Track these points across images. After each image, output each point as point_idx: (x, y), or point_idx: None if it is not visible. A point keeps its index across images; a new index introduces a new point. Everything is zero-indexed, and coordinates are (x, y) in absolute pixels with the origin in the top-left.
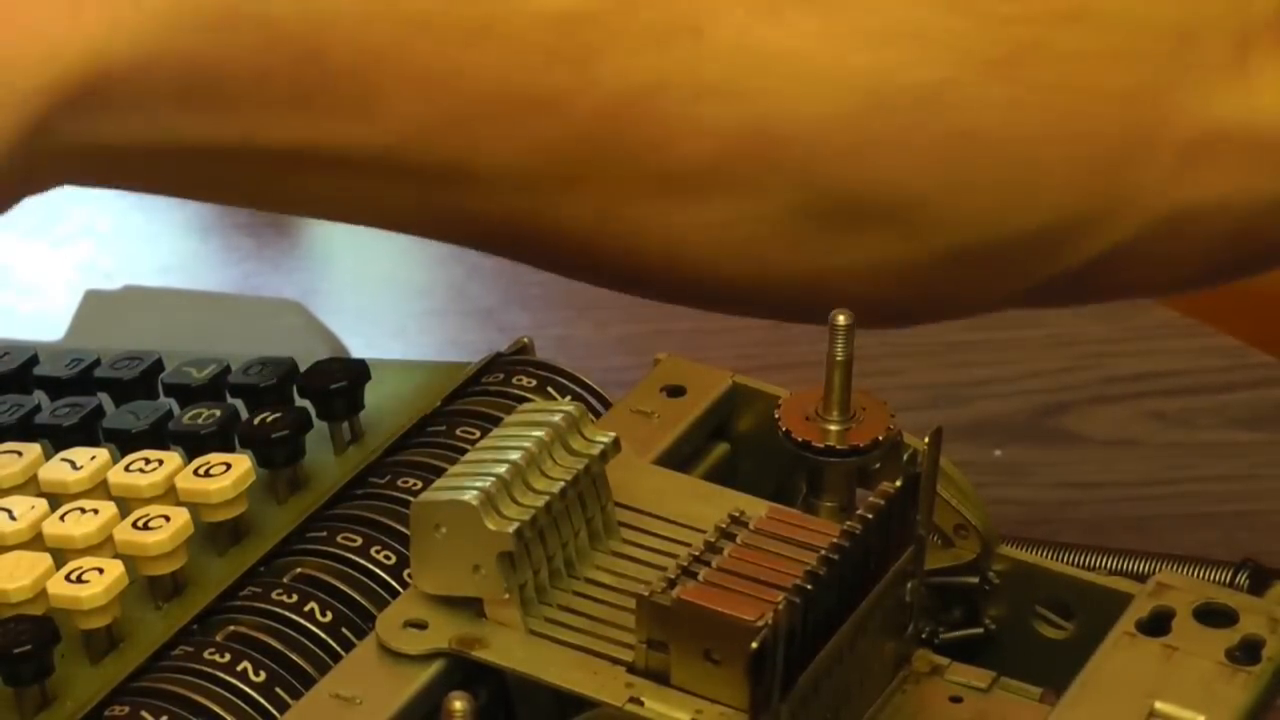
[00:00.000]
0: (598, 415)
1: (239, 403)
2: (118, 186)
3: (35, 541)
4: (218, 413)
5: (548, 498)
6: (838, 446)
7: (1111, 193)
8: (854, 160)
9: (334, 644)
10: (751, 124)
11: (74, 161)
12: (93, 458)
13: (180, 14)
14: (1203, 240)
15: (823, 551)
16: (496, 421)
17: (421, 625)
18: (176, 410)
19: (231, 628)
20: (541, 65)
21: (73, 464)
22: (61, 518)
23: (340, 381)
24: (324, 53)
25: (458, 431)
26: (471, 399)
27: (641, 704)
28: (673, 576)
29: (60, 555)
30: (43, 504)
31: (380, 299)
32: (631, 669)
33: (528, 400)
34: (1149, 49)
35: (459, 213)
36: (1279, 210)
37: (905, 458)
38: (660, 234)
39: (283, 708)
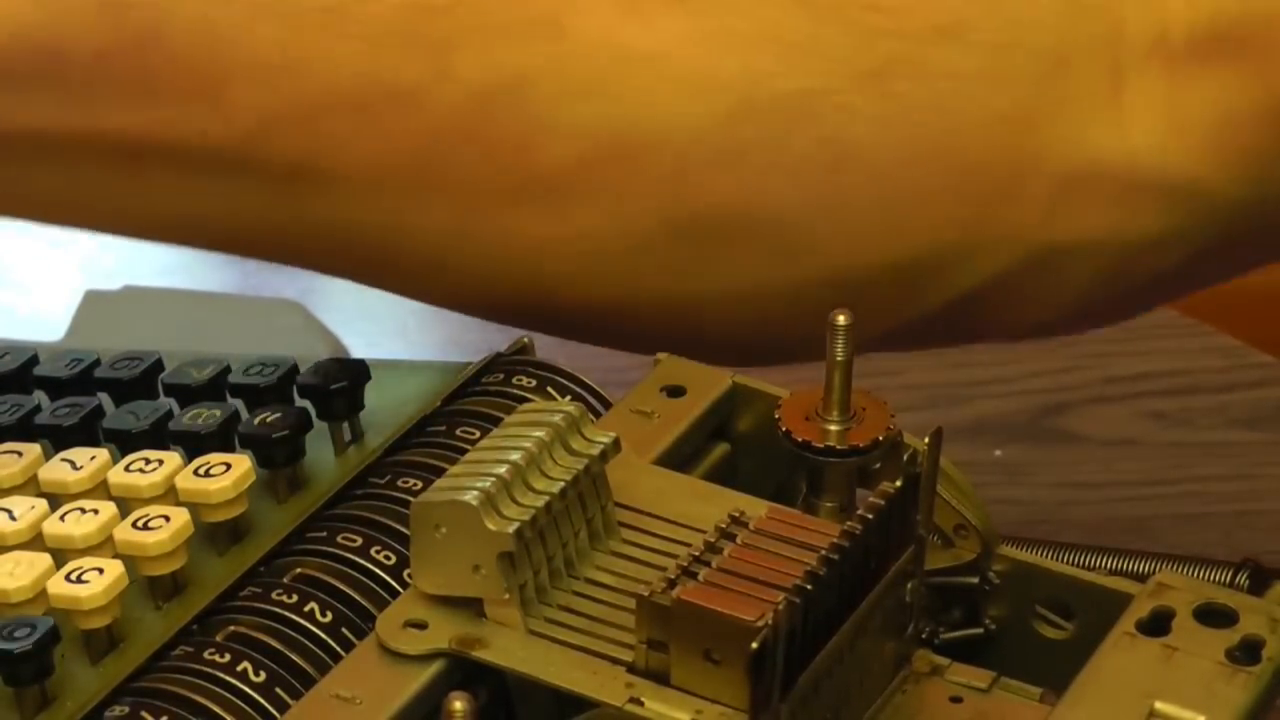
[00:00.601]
0: (598, 415)
1: (239, 403)
2: None
3: (35, 541)
4: (218, 413)
5: (548, 498)
6: (838, 446)
7: (983, 223)
8: (723, 170)
9: (334, 644)
10: (616, 127)
11: None
12: (92, 458)
13: None
14: (1075, 278)
15: (823, 551)
16: (496, 421)
17: (421, 625)
18: (176, 410)
19: (231, 628)
20: (395, 56)
21: (73, 464)
22: (61, 518)
23: (340, 381)
24: (165, 34)
25: (458, 431)
26: (471, 399)
27: (641, 704)
28: (673, 576)
29: (60, 555)
30: (43, 504)
31: (380, 299)
32: (631, 669)
33: (528, 400)
34: (1022, 73)
35: (303, 223)
36: (1151, 250)
37: (905, 458)
38: (519, 248)
39: (283, 708)
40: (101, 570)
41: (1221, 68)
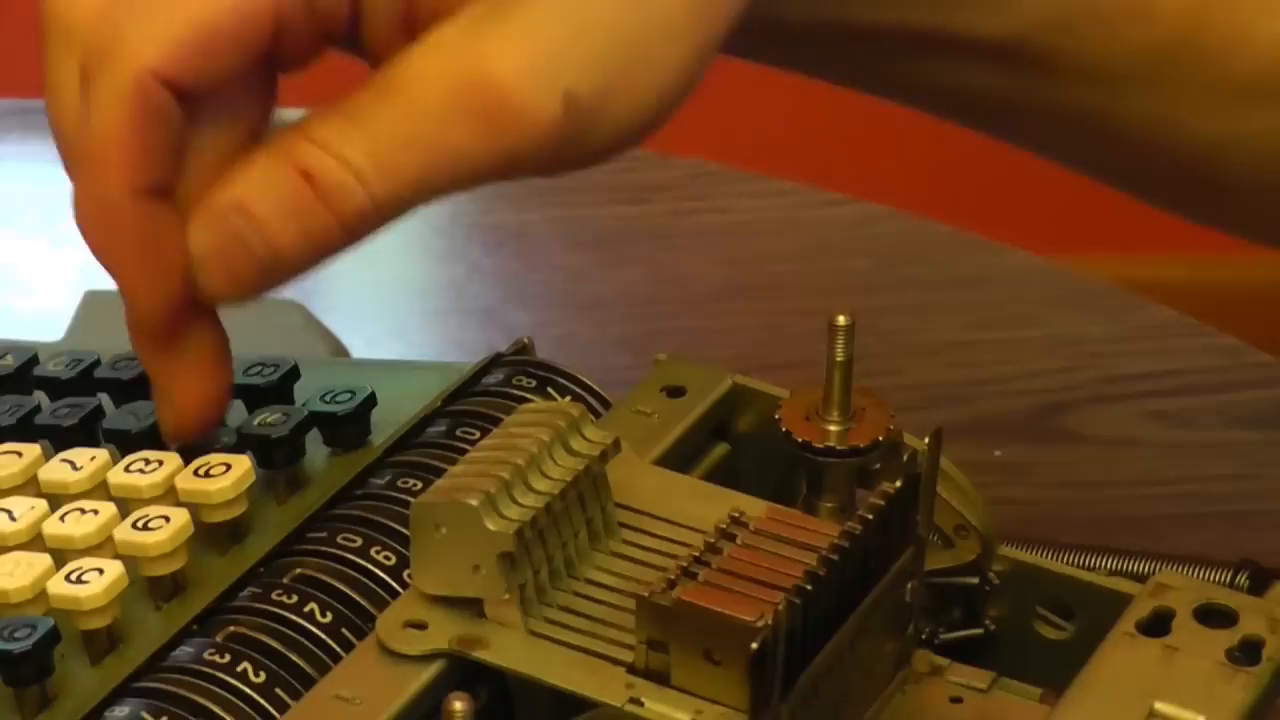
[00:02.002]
0: (598, 415)
1: (239, 403)
2: (772, 63)
3: (35, 542)
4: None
5: (548, 498)
6: (838, 447)
7: None
8: None
9: (334, 644)
10: None
11: (753, 40)
12: (92, 458)
13: None
14: None
15: (823, 551)
16: (496, 421)
17: (421, 625)
18: None
19: (231, 628)
20: None
21: (73, 464)
22: (61, 518)
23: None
24: None
25: (458, 431)
26: (471, 399)
27: (641, 704)
28: (673, 577)
29: (60, 555)
30: (43, 504)
31: (380, 299)
32: (631, 669)
33: (528, 400)
34: None
35: (1039, 103)
36: None
37: (905, 458)
38: (1208, 141)
39: (283, 708)
40: (101, 570)
41: None
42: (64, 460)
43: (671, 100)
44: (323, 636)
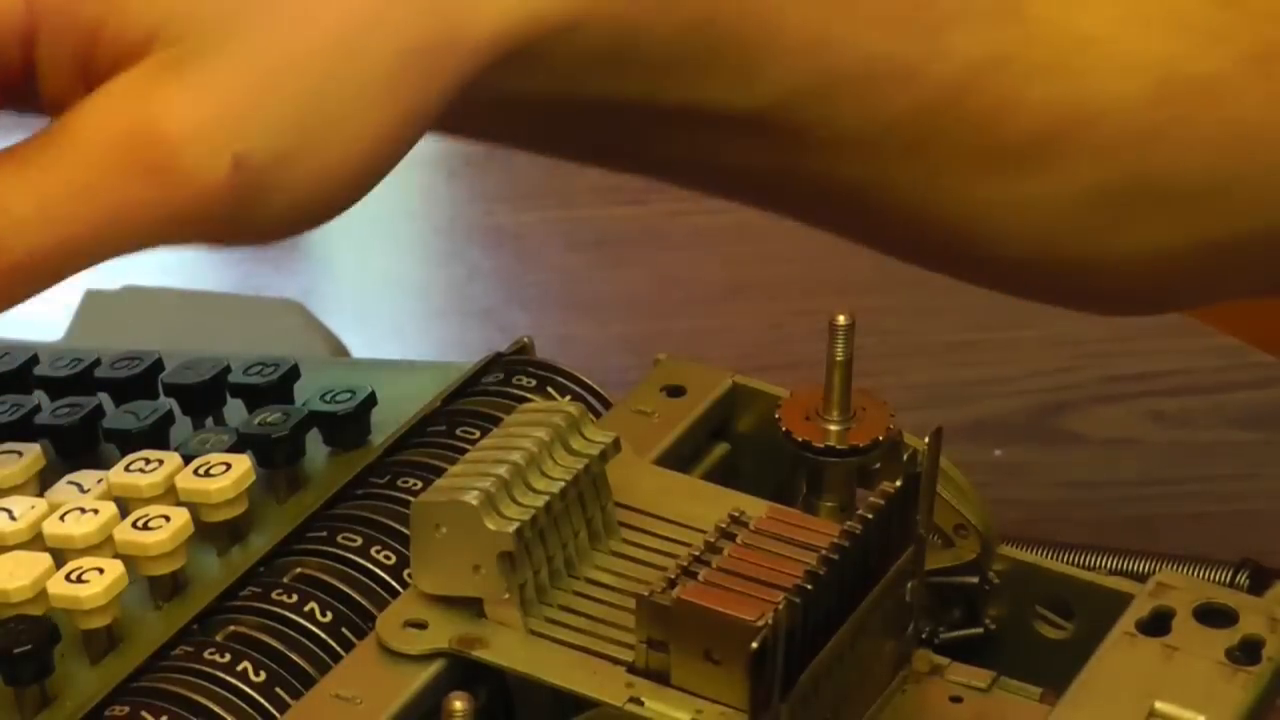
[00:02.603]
0: (598, 415)
1: (238, 403)
2: (504, 142)
3: (35, 541)
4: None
5: (548, 498)
6: (838, 446)
7: None
8: (1144, 145)
9: (334, 644)
10: (1070, 102)
11: (478, 112)
12: (99, 480)
13: None
14: None
15: (823, 551)
16: (496, 421)
17: (421, 625)
18: (177, 411)
19: (231, 628)
20: (898, 37)
21: (80, 487)
22: (61, 518)
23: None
24: (715, 18)
25: (458, 431)
26: (471, 399)
27: (641, 704)
28: (673, 576)
29: (60, 555)
30: (43, 504)
31: (380, 299)
32: (631, 669)
33: (528, 400)
34: None
35: (801, 175)
36: None
37: (905, 458)
38: (972, 207)
39: (283, 708)
40: (101, 570)
41: None
42: (71, 482)
43: (365, 174)
44: (323, 636)
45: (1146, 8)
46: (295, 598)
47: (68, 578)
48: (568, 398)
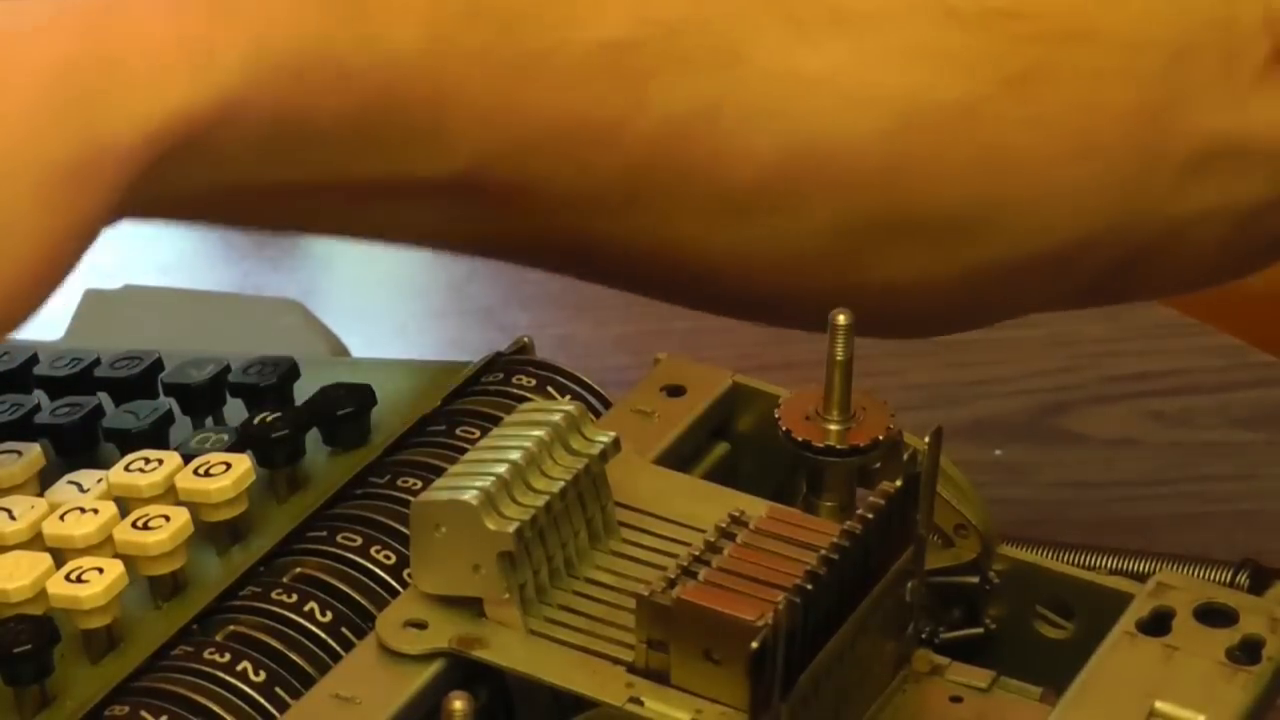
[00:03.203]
0: (598, 415)
1: (238, 402)
2: (199, 223)
3: (35, 541)
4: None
5: (548, 497)
6: (838, 446)
7: (1123, 208)
8: (889, 178)
9: (334, 644)
10: (794, 146)
11: (159, 205)
12: (99, 480)
13: (259, 66)
14: (1203, 243)
15: (823, 551)
16: (496, 421)
17: (421, 625)
18: (177, 410)
19: (231, 628)
20: (596, 92)
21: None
22: (61, 517)
23: (347, 408)
24: (393, 91)
25: (458, 431)
26: (471, 399)
27: (641, 704)
28: (673, 576)
29: (60, 555)
30: (42, 504)
31: (380, 299)
32: (631, 669)
33: (528, 400)
34: (1149, 67)
35: (525, 234)
36: (1269, 212)
37: (905, 458)
38: (710, 251)
39: (283, 708)
40: (101, 570)
41: None
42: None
43: (36, 286)
44: (323, 636)
45: (885, 40)
46: (295, 597)
47: (67, 577)
48: (567, 397)
